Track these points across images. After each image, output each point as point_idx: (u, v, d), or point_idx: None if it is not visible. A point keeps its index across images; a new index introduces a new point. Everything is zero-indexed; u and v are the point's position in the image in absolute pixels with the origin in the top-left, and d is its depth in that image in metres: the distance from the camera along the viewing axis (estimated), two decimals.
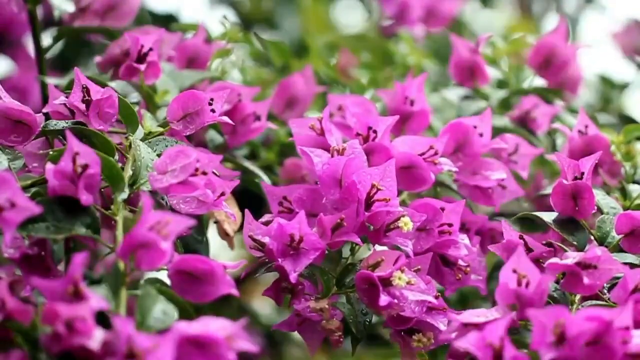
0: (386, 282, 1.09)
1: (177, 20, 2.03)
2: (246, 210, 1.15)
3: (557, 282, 1.10)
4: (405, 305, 1.09)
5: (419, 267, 1.12)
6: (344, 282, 1.14)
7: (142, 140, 1.14)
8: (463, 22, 2.18)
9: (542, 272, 1.04)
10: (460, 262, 1.19)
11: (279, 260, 1.10)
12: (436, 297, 1.10)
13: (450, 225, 1.16)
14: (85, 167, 1.02)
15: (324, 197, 1.14)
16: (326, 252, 1.12)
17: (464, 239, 1.18)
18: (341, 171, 1.14)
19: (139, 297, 0.98)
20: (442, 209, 1.17)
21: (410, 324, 1.11)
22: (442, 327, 1.10)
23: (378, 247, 1.14)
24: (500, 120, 1.47)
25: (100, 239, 1.03)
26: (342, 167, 1.13)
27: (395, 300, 1.09)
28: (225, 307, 1.74)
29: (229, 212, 1.12)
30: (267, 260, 1.14)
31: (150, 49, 1.25)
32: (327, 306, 1.11)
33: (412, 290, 1.09)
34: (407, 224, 1.12)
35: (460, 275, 1.18)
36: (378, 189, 1.12)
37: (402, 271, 1.09)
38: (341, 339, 1.12)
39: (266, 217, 1.18)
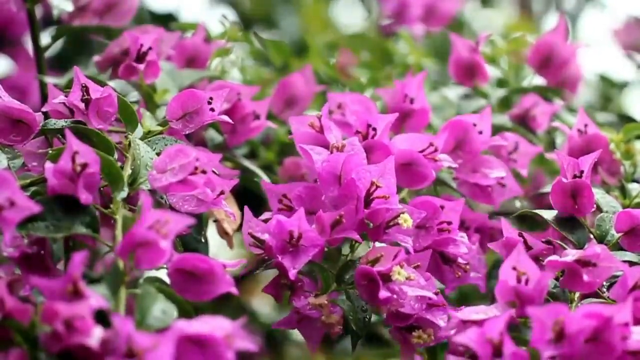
0: (386, 277, 1.08)
1: (177, 19, 2.03)
2: (245, 208, 1.15)
3: (556, 279, 1.10)
4: (404, 301, 1.09)
5: (419, 263, 1.12)
6: (343, 279, 1.13)
7: (142, 139, 1.14)
8: (463, 21, 2.18)
9: (541, 269, 1.04)
10: (460, 260, 1.19)
11: (278, 257, 1.10)
12: (435, 294, 1.10)
13: (449, 223, 1.16)
14: (84, 166, 1.02)
15: (323, 195, 1.14)
16: (325, 249, 1.12)
17: (463, 236, 1.18)
18: (340, 168, 1.13)
19: (138, 296, 0.97)
20: (442, 207, 1.17)
21: (410, 320, 1.11)
22: (442, 323, 1.10)
23: (377, 244, 1.14)
24: (500, 118, 1.47)
25: (99, 238, 1.03)
26: (341, 164, 1.13)
27: (395, 296, 1.09)
28: (224, 306, 1.73)
29: (228, 211, 1.12)
30: (266, 257, 1.14)
31: (150, 48, 1.25)
32: (326, 302, 1.11)
33: (412, 286, 1.09)
34: (406, 220, 1.12)
35: (459, 273, 1.18)
36: (377, 186, 1.12)
37: (402, 266, 1.09)
38: (341, 331, 1.12)
39: (266, 215, 1.18)
